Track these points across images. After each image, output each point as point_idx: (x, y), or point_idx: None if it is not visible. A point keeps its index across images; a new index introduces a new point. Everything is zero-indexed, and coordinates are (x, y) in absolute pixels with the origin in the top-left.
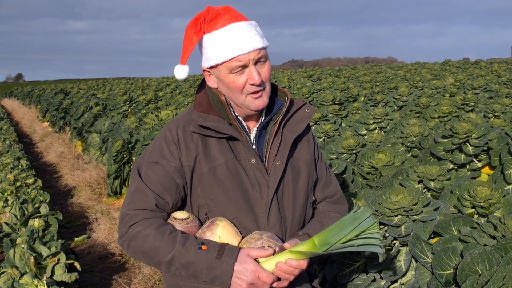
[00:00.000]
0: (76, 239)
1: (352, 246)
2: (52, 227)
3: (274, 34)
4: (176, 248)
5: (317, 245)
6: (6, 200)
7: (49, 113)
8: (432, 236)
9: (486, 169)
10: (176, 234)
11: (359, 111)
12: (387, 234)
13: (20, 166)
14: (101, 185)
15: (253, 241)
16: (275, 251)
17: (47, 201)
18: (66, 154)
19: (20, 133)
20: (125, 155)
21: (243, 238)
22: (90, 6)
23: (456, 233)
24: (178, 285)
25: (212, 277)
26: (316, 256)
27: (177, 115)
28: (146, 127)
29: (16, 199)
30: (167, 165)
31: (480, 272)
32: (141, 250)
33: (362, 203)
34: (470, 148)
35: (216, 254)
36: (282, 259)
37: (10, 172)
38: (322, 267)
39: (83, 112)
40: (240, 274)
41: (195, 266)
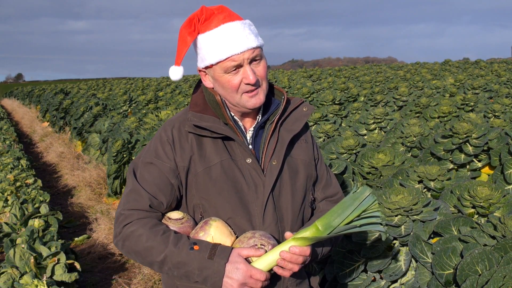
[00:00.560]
0: (76, 239)
1: (355, 227)
2: (52, 227)
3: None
4: (169, 248)
5: (321, 229)
6: (6, 200)
7: (49, 113)
8: (432, 236)
9: (486, 169)
10: (169, 234)
11: (359, 111)
12: (387, 234)
13: (20, 166)
14: (101, 185)
15: (246, 240)
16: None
17: (47, 201)
18: (66, 154)
19: (20, 133)
20: (125, 155)
21: (237, 238)
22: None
23: (456, 233)
24: (175, 285)
25: (204, 278)
26: (319, 242)
27: (173, 116)
28: (146, 127)
29: (16, 199)
30: (162, 166)
31: (480, 272)
32: (135, 250)
33: None
34: (470, 148)
35: (208, 255)
36: (286, 248)
37: (10, 172)
38: (322, 267)
39: (83, 112)
40: (231, 274)
41: (187, 266)
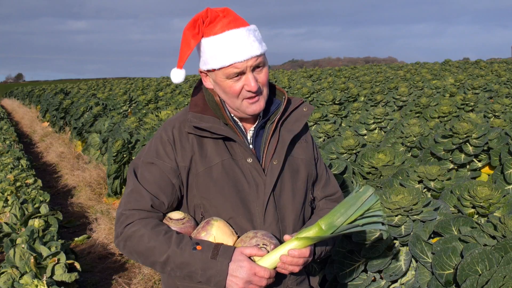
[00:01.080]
0: (76, 239)
1: (357, 226)
2: (52, 227)
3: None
4: (171, 249)
5: (324, 229)
6: (6, 200)
7: (49, 113)
8: (432, 236)
9: (486, 169)
10: (171, 234)
11: (359, 111)
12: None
13: (20, 166)
14: (101, 185)
15: (248, 240)
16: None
17: (47, 201)
18: (66, 154)
19: (20, 133)
20: (125, 155)
21: (238, 238)
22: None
23: (456, 233)
24: (176, 286)
25: (207, 278)
26: (320, 242)
27: (173, 116)
28: (146, 127)
29: (16, 199)
30: (163, 166)
31: (480, 272)
32: (137, 250)
33: None
34: (470, 148)
35: (211, 254)
36: (289, 247)
37: (10, 172)
38: (322, 267)
39: (83, 112)
40: (236, 273)
41: (190, 267)
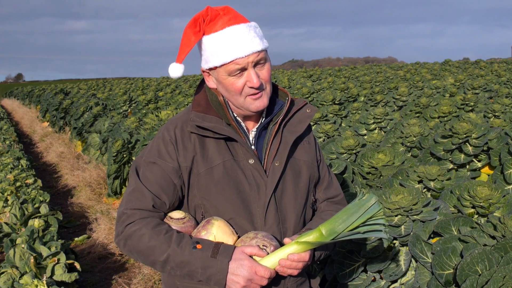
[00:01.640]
0: (76, 239)
1: (358, 234)
2: (52, 227)
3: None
4: (171, 248)
5: (324, 234)
6: (6, 200)
7: (49, 113)
8: (432, 236)
9: (486, 169)
10: (172, 234)
11: (359, 111)
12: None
13: (20, 166)
14: (101, 185)
15: (248, 240)
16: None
17: (47, 201)
18: (66, 154)
19: (20, 133)
20: (125, 155)
21: (239, 238)
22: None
23: (456, 233)
24: (175, 285)
25: (207, 276)
26: (321, 246)
27: (175, 115)
28: (146, 127)
29: (16, 199)
30: (165, 165)
31: (480, 272)
32: (137, 249)
33: None
34: (470, 148)
35: (211, 253)
36: (289, 251)
37: (10, 172)
38: (322, 267)
39: (83, 112)
40: (237, 271)
41: (190, 265)
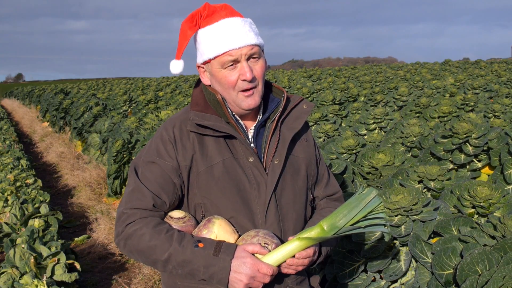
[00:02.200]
0: (76, 239)
1: (359, 228)
2: (52, 227)
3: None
4: (173, 247)
5: (326, 229)
6: (6, 200)
7: (49, 113)
8: (432, 236)
9: (486, 169)
10: (173, 233)
11: (359, 111)
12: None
13: (20, 166)
14: (101, 185)
15: (249, 239)
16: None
17: (47, 201)
18: (66, 154)
19: (20, 133)
20: (125, 155)
21: (239, 237)
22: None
23: (456, 233)
24: (176, 285)
25: (210, 275)
26: (325, 242)
27: (173, 115)
28: (146, 127)
29: (16, 199)
30: (164, 165)
31: (480, 272)
32: (138, 249)
33: None
34: (470, 148)
35: (213, 251)
36: (290, 247)
37: (10, 172)
38: (322, 267)
39: (83, 112)
40: (239, 269)
41: (192, 264)
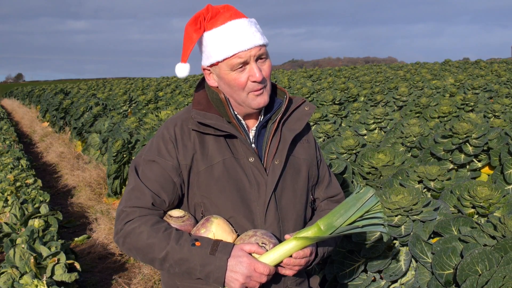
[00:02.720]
0: (76, 239)
1: (357, 228)
2: (52, 227)
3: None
4: (170, 245)
5: (323, 229)
6: (6, 200)
7: (49, 113)
8: (432, 236)
9: (486, 169)
10: (171, 231)
11: (359, 111)
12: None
13: (20, 166)
14: (101, 185)
15: (247, 238)
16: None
17: (47, 201)
18: (66, 154)
19: (20, 133)
20: (125, 155)
21: (238, 236)
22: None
23: (456, 233)
24: (176, 285)
25: (206, 273)
26: (322, 242)
27: (175, 114)
28: (146, 127)
29: (16, 199)
30: (164, 164)
31: (480, 272)
32: (136, 247)
33: None
34: (470, 148)
35: (210, 250)
36: (288, 247)
37: (10, 172)
38: (322, 267)
39: (83, 112)
40: (235, 268)
41: (189, 263)
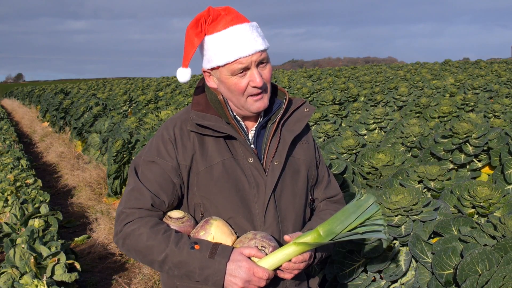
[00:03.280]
0: (76, 239)
1: (357, 234)
2: (52, 227)
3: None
4: (169, 247)
5: (322, 235)
6: (6, 200)
7: (49, 113)
8: (432, 236)
9: (486, 169)
10: (170, 234)
11: (359, 111)
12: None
13: (20, 166)
14: (101, 185)
15: (247, 241)
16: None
17: (47, 201)
18: (66, 154)
19: (20, 133)
20: (125, 155)
21: (237, 238)
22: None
23: (456, 233)
24: (175, 285)
25: (205, 277)
26: (320, 247)
27: (174, 115)
28: (146, 127)
29: (16, 199)
30: (164, 164)
31: (480, 272)
32: (135, 249)
33: None
34: (470, 148)
35: (209, 254)
36: (287, 252)
37: (10, 172)
38: (322, 267)
39: (83, 112)
40: (234, 272)
41: (188, 266)
